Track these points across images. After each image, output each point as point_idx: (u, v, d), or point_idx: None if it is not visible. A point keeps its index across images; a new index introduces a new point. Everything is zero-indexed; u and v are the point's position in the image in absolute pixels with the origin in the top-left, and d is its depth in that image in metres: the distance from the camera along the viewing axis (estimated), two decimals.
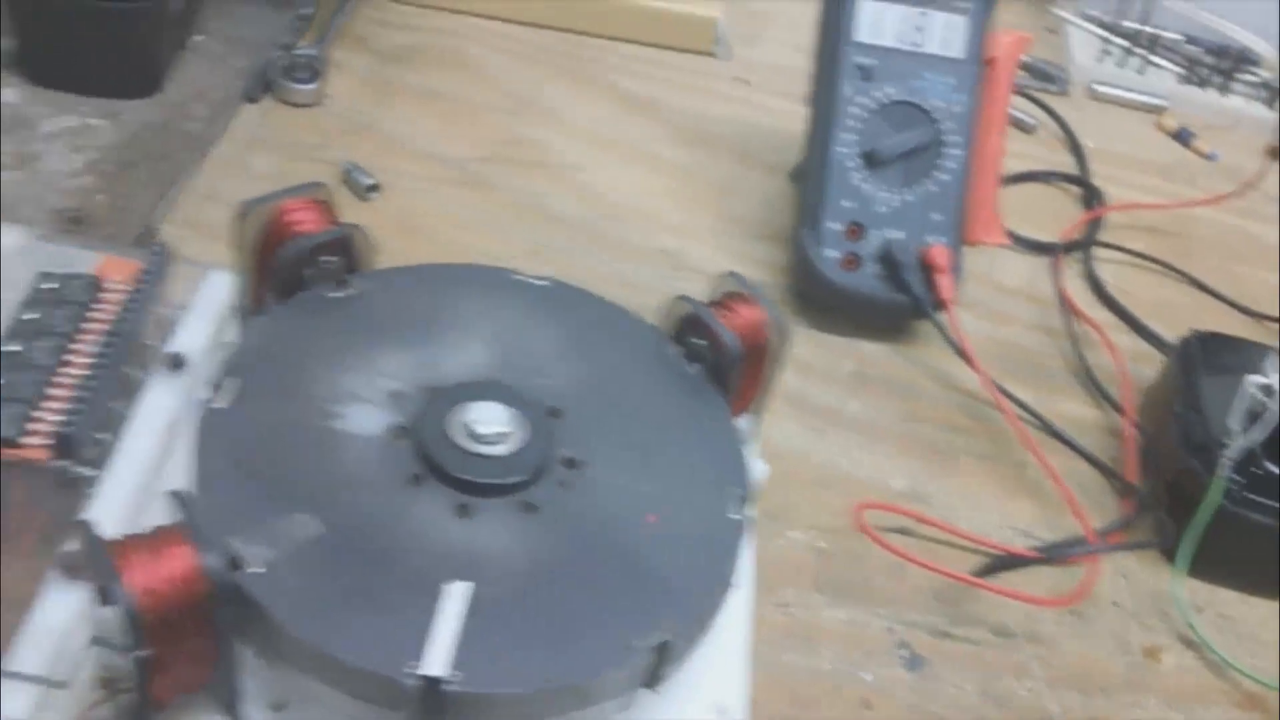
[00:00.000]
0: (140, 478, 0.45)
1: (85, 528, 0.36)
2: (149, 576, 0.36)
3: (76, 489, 0.45)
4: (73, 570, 0.42)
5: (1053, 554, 0.58)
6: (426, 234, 0.48)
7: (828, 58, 0.67)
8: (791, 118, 0.83)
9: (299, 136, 0.71)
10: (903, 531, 0.58)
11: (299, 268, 0.47)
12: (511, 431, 0.43)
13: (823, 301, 0.64)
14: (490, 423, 0.43)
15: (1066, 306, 0.73)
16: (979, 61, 0.67)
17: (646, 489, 0.44)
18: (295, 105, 0.72)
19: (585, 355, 0.48)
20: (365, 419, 0.43)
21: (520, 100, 0.79)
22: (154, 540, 0.37)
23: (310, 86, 0.72)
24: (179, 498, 0.39)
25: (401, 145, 0.72)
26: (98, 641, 0.39)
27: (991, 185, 0.68)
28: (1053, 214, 0.81)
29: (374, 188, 0.67)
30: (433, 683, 0.37)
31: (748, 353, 0.48)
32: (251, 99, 0.71)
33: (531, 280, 0.50)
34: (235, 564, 0.37)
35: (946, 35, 0.66)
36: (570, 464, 0.44)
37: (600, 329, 0.50)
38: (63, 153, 0.63)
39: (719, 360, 0.48)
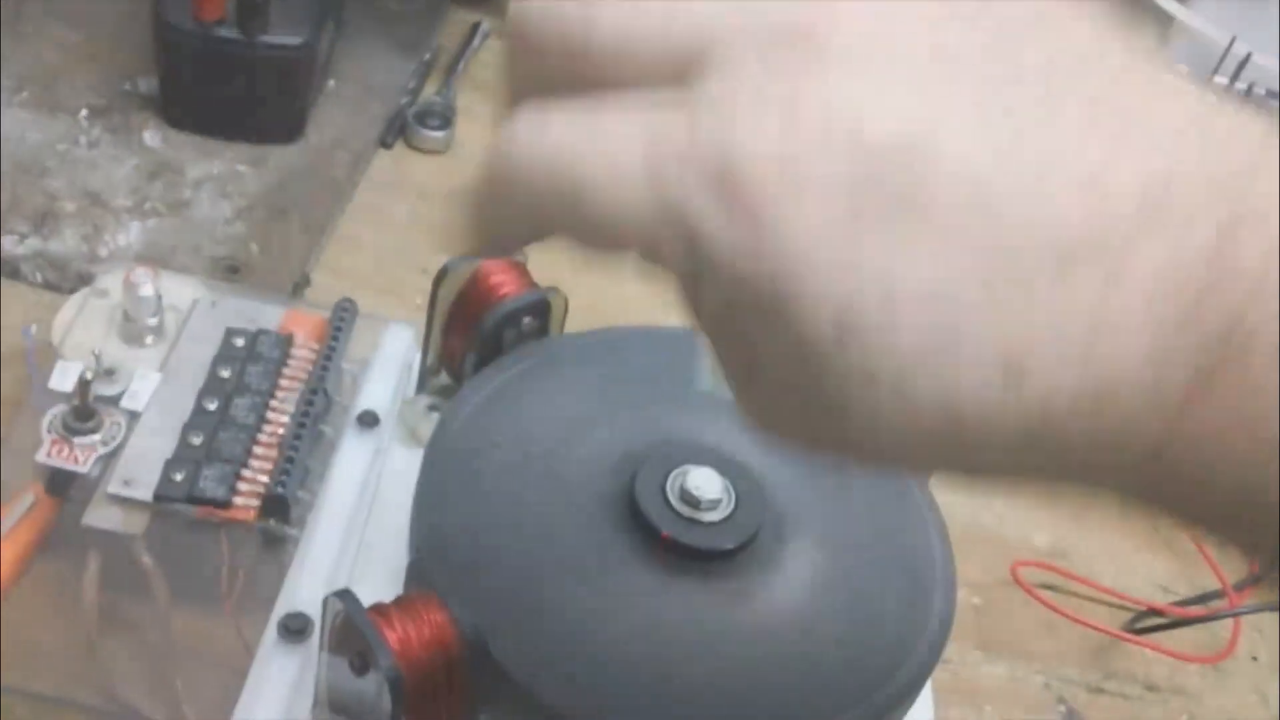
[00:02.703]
0: (339, 536, 0.46)
1: (346, 596, 0.36)
2: (409, 645, 0.36)
3: (282, 549, 0.45)
4: (293, 634, 0.42)
5: (1214, 612, 0.59)
6: (567, 285, 0.48)
7: None
8: None
9: (434, 184, 0.71)
10: (1049, 587, 0.59)
11: (501, 330, 0.47)
12: (722, 497, 0.44)
13: None
14: (707, 488, 0.43)
15: None
16: None
17: (848, 558, 0.45)
18: (426, 151, 0.73)
19: None
20: (580, 483, 0.44)
21: None
22: (411, 608, 0.37)
23: (442, 134, 0.73)
24: (428, 563, 0.39)
25: None
26: (335, 708, 0.39)
27: None
28: None
29: None
30: None
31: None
32: (386, 145, 0.72)
33: None
34: (481, 631, 0.38)
35: None
36: (775, 532, 0.44)
37: None
38: (213, 199, 0.63)
39: None
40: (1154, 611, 0.59)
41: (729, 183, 0.21)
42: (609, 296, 0.68)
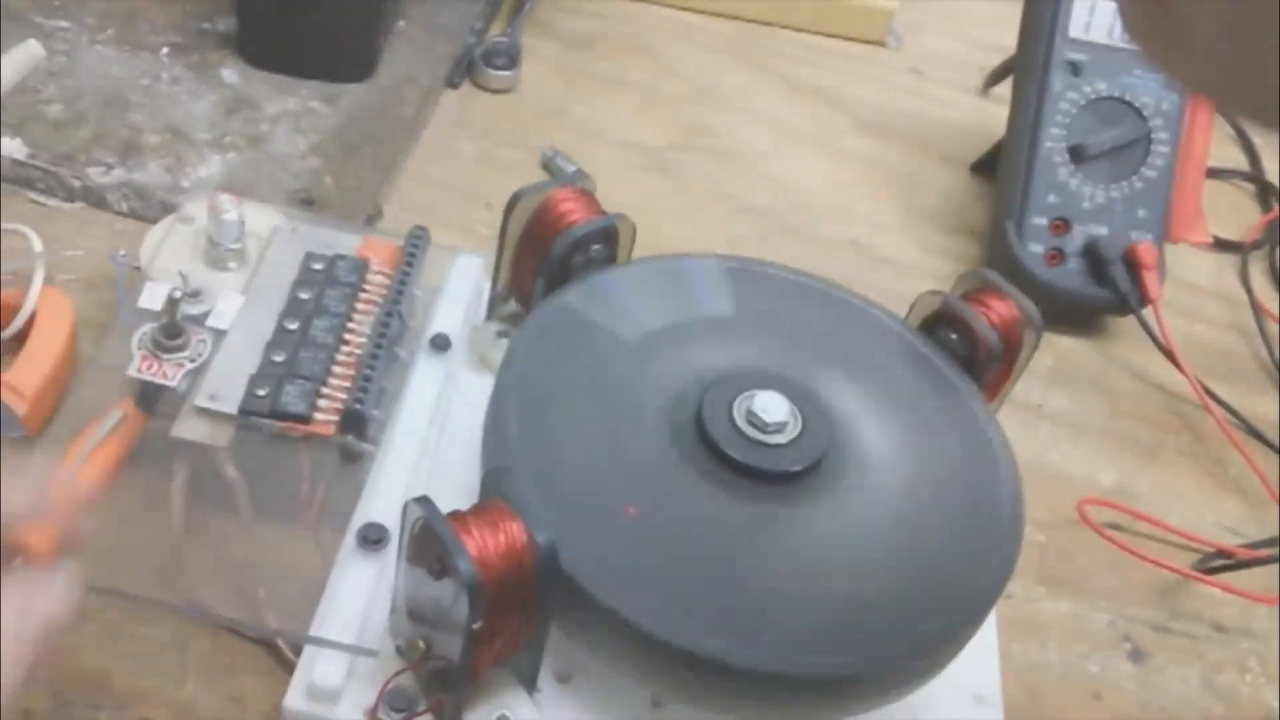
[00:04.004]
0: (413, 453, 0.47)
1: (426, 503, 0.38)
2: (486, 551, 0.37)
3: (359, 464, 0.47)
4: (371, 544, 0.43)
5: None
6: (635, 214, 0.49)
7: (1037, 52, 0.67)
8: (964, 109, 0.84)
9: (498, 122, 0.72)
10: (1115, 527, 0.59)
11: (571, 256, 0.48)
12: (789, 421, 0.44)
13: None
14: (773, 411, 0.44)
15: (1255, 306, 0.73)
16: None
17: (916, 481, 0.45)
18: (492, 91, 0.74)
19: (842, 348, 0.49)
20: (649, 402, 0.45)
21: (702, 88, 0.79)
22: (488, 517, 0.38)
23: (508, 73, 0.73)
24: (501, 476, 0.40)
25: (595, 132, 0.73)
26: (412, 615, 0.40)
27: (1197, 184, 0.68)
28: (1232, 211, 0.81)
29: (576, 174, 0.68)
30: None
31: (1004, 349, 0.49)
32: (453, 85, 0.72)
33: (779, 273, 0.51)
34: (553, 542, 0.39)
35: None
36: (841, 458, 0.45)
37: (853, 322, 0.50)
38: (289, 135, 0.64)
39: (973, 356, 0.49)
40: (1222, 553, 0.59)
41: None
42: (671, 235, 0.69)
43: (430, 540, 0.37)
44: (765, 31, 0.86)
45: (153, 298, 0.47)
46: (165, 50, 0.67)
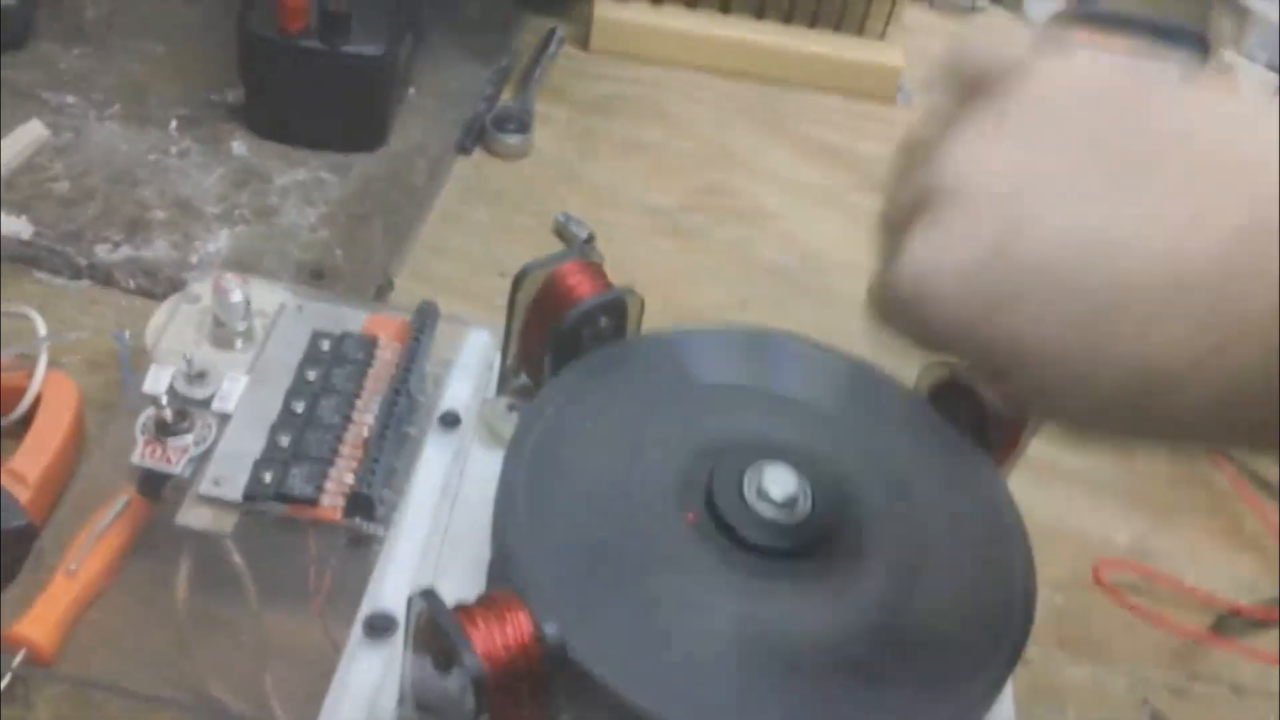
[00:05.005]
0: (423, 535, 0.47)
1: (430, 596, 0.37)
2: (492, 644, 0.37)
3: (368, 547, 0.46)
4: (378, 633, 0.43)
5: None
6: (643, 286, 0.49)
7: None
8: None
9: (511, 188, 0.72)
10: (1132, 587, 0.58)
11: (579, 330, 0.47)
12: (798, 496, 0.44)
13: None
14: (782, 486, 0.43)
15: None
16: None
17: (927, 556, 0.45)
18: (505, 157, 0.74)
19: (850, 419, 0.49)
20: (657, 480, 0.44)
21: (717, 148, 0.80)
22: (494, 608, 0.37)
23: (520, 138, 0.74)
24: (509, 562, 0.40)
25: (609, 196, 0.73)
26: (420, 706, 0.40)
27: None
28: None
29: (590, 239, 0.68)
30: None
31: (1012, 415, 0.48)
32: (464, 151, 0.73)
33: (788, 341, 0.51)
34: (561, 630, 0.38)
35: None
36: (854, 532, 0.44)
37: (858, 391, 0.50)
38: (299, 206, 0.64)
39: (983, 423, 0.48)
40: (1239, 613, 0.58)
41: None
42: (685, 297, 0.68)
43: (436, 633, 0.37)
44: (776, 91, 0.86)
45: (157, 381, 0.47)
46: (174, 124, 0.68)
